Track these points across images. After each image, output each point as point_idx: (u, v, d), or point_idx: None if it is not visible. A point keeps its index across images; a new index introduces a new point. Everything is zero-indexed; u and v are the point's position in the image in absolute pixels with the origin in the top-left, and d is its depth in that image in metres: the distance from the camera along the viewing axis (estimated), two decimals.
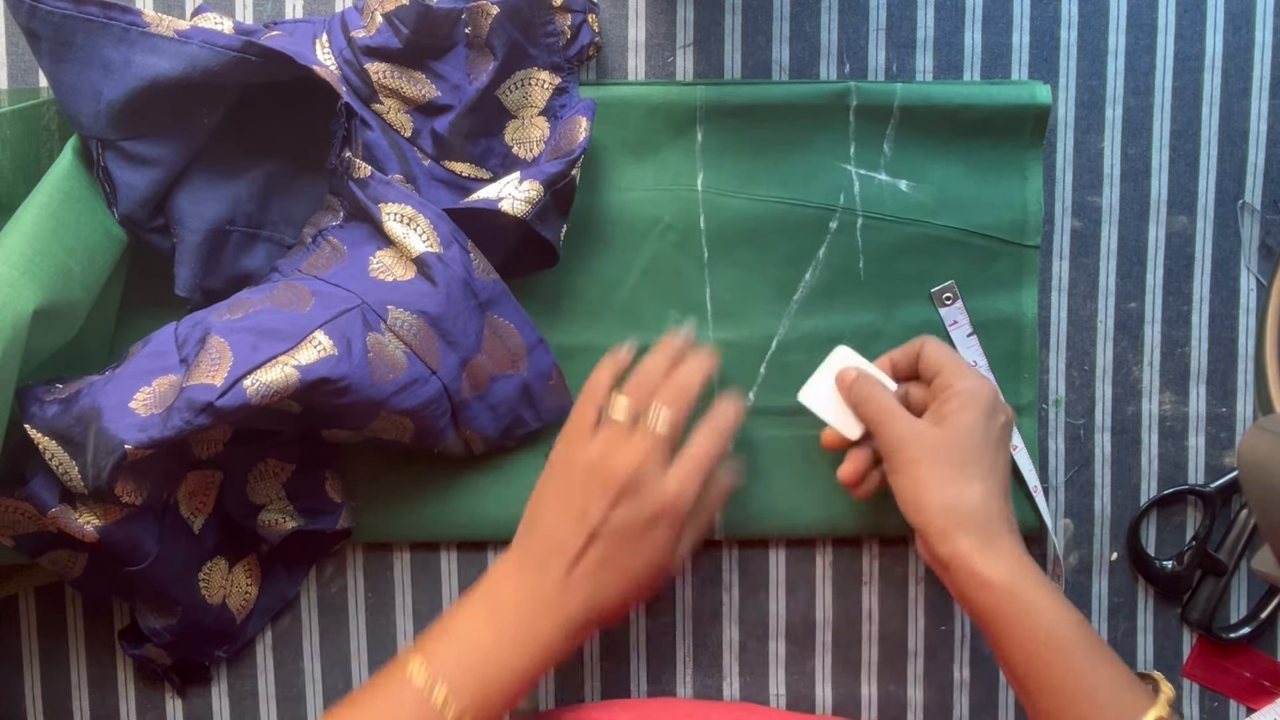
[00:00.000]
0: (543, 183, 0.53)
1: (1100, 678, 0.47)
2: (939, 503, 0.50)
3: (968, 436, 0.51)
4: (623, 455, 0.51)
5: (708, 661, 0.61)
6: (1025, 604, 0.48)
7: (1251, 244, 0.61)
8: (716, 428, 0.54)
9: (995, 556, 0.49)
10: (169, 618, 0.56)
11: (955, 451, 0.51)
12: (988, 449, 0.51)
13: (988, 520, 0.50)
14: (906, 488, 0.51)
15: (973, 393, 0.52)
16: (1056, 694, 0.48)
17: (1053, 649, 0.48)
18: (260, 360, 0.48)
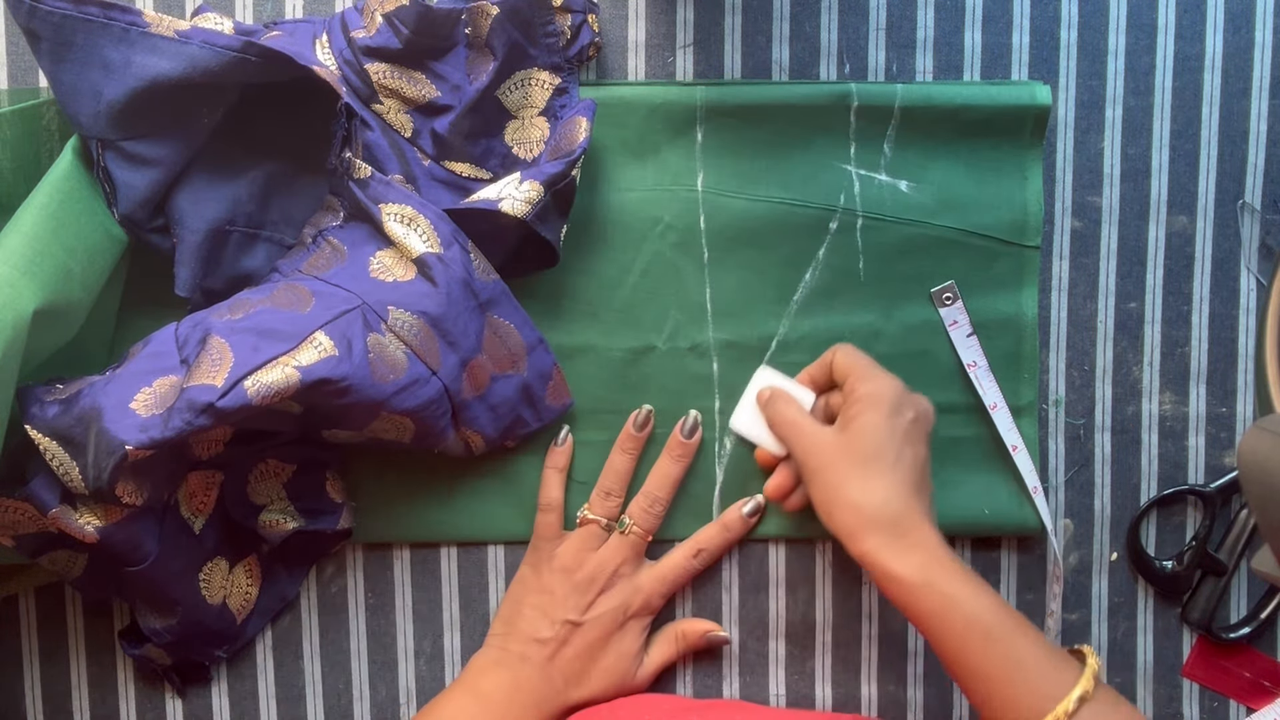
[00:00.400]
0: (543, 183, 0.53)
1: (1024, 657, 0.48)
2: (845, 504, 0.51)
3: (870, 436, 0.52)
4: (598, 556, 0.58)
5: (707, 661, 0.61)
6: (941, 596, 0.49)
7: (1251, 244, 0.61)
8: (698, 546, 0.59)
9: (905, 552, 0.50)
10: (169, 618, 0.56)
11: (857, 453, 0.52)
12: (890, 446, 0.52)
13: (895, 517, 0.51)
14: (817, 495, 0.53)
15: (873, 394, 0.53)
16: (985, 679, 0.49)
17: (974, 636, 0.49)
18: (261, 361, 0.48)
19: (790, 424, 0.55)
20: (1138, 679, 0.62)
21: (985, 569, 0.61)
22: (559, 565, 0.57)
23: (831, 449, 0.53)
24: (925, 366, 0.60)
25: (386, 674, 0.61)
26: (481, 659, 0.57)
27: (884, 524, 0.51)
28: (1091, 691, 0.47)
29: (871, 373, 0.54)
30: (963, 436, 0.60)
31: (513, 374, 0.57)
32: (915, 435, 0.53)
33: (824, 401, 0.58)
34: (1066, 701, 0.47)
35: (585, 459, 0.60)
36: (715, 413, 0.60)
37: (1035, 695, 0.48)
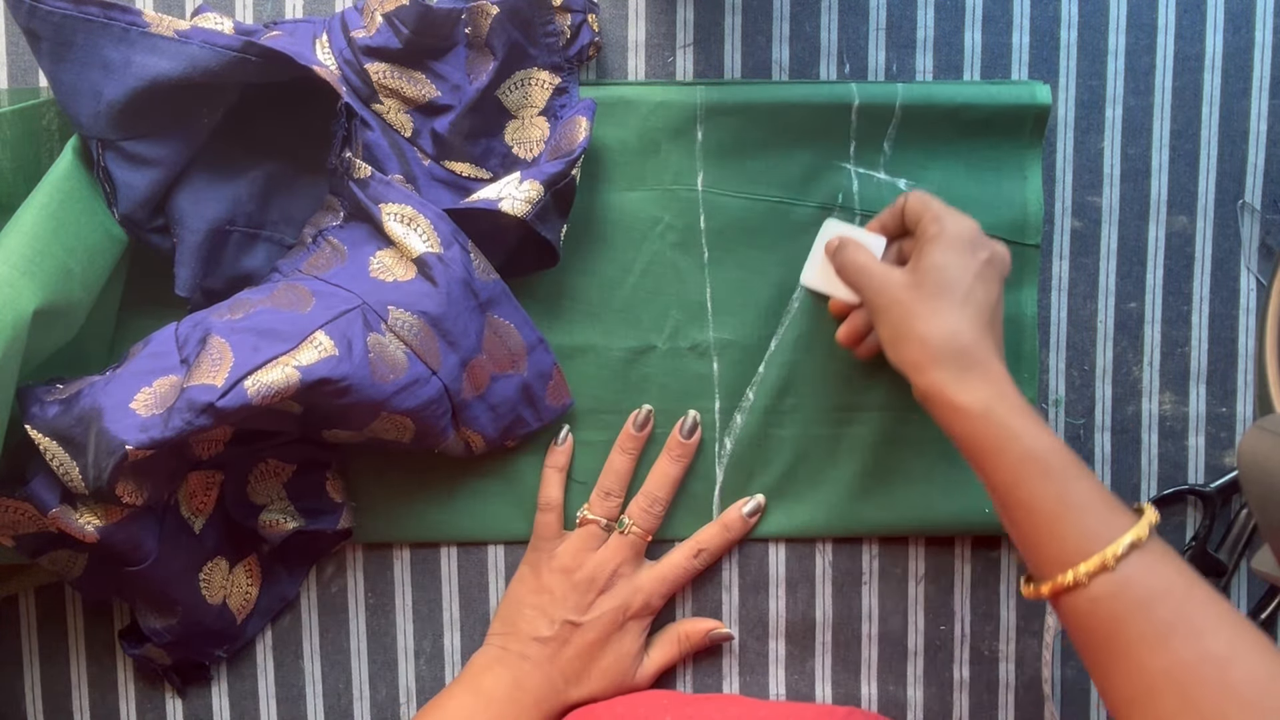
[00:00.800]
0: (543, 183, 0.53)
1: (1079, 498, 0.47)
2: (912, 337, 0.50)
3: (940, 273, 0.50)
4: (598, 556, 0.58)
5: (707, 661, 0.61)
6: (1000, 428, 0.48)
7: (1251, 244, 0.61)
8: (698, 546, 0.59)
9: (970, 384, 0.49)
10: (169, 618, 0.56)
11: (927, 288, 0.51)
12: (961, 283, 0.50)
13: (963, 350, 0.49)
14: (885, 332, 0.52)
15: (946, 232, 0.51)
16: (1035, 514, 0.47)
17: (1030, 471, 0.47)
18: (261, 361, 0.48)
19: (859, 268, 0.54)
20: None
21: (985, 569, 0.61)
22: (558, 565, 0.57)
23: (901, 287, 0.51)
24: None
25: (386, 674, 0.61)
26: (482, 658, 0.57)
27: (949, 357, 0.49)
28: (1144, 540, 0.45)
29: (945, 212, 0.53)
30: None
31: (513, 374, 0.57)
32: (988, 275, 0.52)
33: (896, 248, 0.57)
34: (1116, 545, 0.45)
35: (585, 459, 0.60)
36: (715, 412, 0.60)
37: (1085, 535, 0.46)
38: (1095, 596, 0.45)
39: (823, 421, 0.60)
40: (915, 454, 0.60)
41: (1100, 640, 0.46)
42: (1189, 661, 0.43)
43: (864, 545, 0.61)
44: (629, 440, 0.59)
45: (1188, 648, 0.43)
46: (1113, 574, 0.45)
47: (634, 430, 0.59)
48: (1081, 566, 0.45)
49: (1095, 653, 0.46)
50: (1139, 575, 0.45)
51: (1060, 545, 0.46)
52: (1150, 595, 0.44)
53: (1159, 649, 0.44)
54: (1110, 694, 0.46)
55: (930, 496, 0.60)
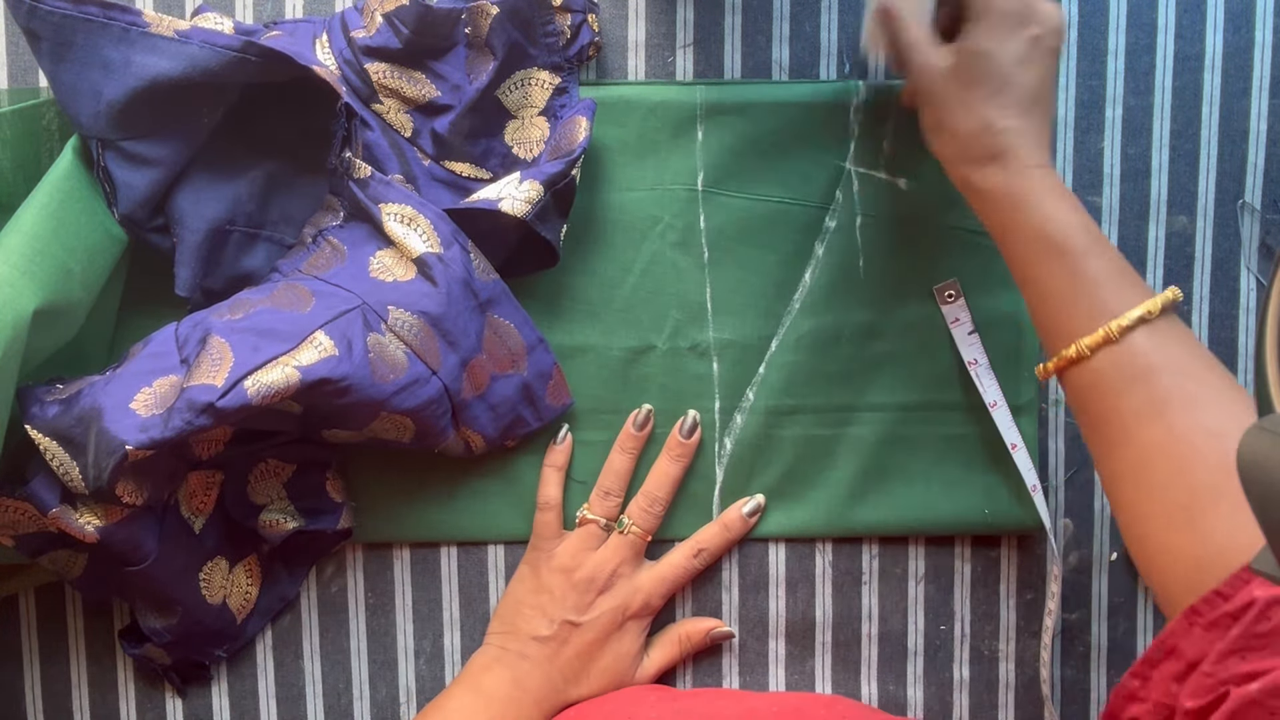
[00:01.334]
0: (543, 183, 0.53)
1: (1093, 273, 0.46)
2: (945, 131, 0.50)
3: (978, 60, 0.49)
4: (597, 556, 0.57)
5: (707, 660, 0.61)
6: (1021, 208, 0.48)
7: (1251, 244, 0.61)
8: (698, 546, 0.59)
9: (998, 171, 0.49)
10: (169, 617, 0.56)
11: (965, 78, 0.49)
12: (999, 70, 0.49)
13: (994, 143, 0.49)
14: (927, 121, 0.52)
15: (992, 10, 0.49)
16: (1048, 291, 0.47)
17: (1045, 247, 0.47)
18: (261, 361, 0.48)
19: (908, 45, 0.51)
20: None
21: (985, 569, 0.61)
22: (558, 565, 0.57)
23: (939, 73, 0.50)
24: (925, 365, 0.60)
25: (386, 673, 0.61)
26: (481, 657, 0.57)
27: (978, 150, 0.49)
28: (1154, 314, 0.44)
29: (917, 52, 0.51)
30: (963, 435, 0.60)
31: (513, 374, 0.57)
32: (1034, 55, 0.49)
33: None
34: (1123, 317, 0.44)
35: (585, 459, 0.60)
36: (715, 412, 0.60)
37: (1094, 310, 0.45)
38: (1098, 369, 0.44)
39: (823, 421, 0.60)
40: (915, 454, 0.60)
41: (1099, 415, 0.45)
42: (1183, 433, 0.42)
43: (864, 545, 0.61)
44: (629, 440, 0.59)
45: (1183, 419, 0.43)
46: (1116, 346, 0.44)
47: (634, 430, 0.58)
48: (1085, 339, 0.45)
49: (1094, 428, 0.45)
50: (1143, 349, 0.44)
51: (1069, 319, 0.46)
52: (1151, 368, 0.44)
53: (1154, 420, 0.43)
54: (1104, 468, 0.46)
55: (930, 496, 0.60)
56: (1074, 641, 0.62)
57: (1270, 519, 0.30)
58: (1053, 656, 0.62)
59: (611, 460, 0.59)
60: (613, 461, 0.59)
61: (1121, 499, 0.46)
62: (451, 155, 0.57)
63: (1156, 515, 0.43)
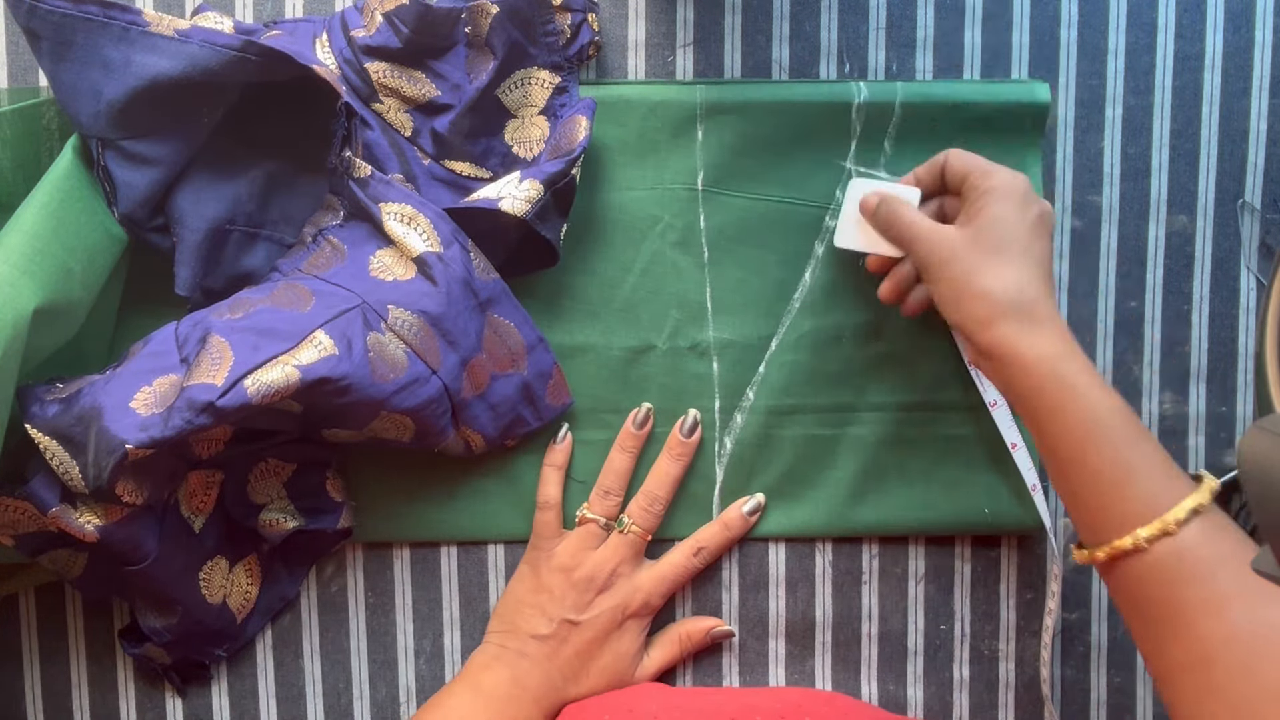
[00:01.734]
0: (543, 182, 0.53)
1: (1141, 461, 0.46)
2: (976, 292, 0.49)
3: (1000, 226, 0.50)
4: (597, 555, 0.57)
5: (707, 660, 0.61)
6: (1068, 386, 0.47)
7: (1251, 243, 0.61)
8: (698, 544, 0.59)
9: (1037, 338, 0.48)
10: (169, 617, 0.56)
11: (987, 243, 0.50)
12: (1021, 236, 0.50)
13: (1028, 303, 0.49)
14: (944, 290, 0.51)
15: (1001, 186, 0.51)
16: (1097, 477, 0.46)
17: (1092, 430, 0.47)
18: (261, 360, 0.48)
19: (909, 224, 0.52)
20: (1137, 679, 0.62)
21: (985, 569, 0.61)
22: (557, 564, 0.57)
23: (958, 242, 0.50)
24: (925, 364, 0.60)
25: (386, 673, 0.61)
26: (481, 655, 0.57)
27: (1017, 310, 0.49)
28: (1205, 506, 0.44)
29: (994, 168, 0.52)
30: (963, 435, 0.60)
31: (513, 373, 0.57)
32: (1042, 230, 0.51)
33: (937, 205, 0.56)
34: (1178, 509, 0.44)
35: (585, 458, 0.60)
36: (715, 412, 0.60)
37: (1146, 500, 0.45)
38: (1154, 562, 0.44)
39: (823, 421, 0.60)
40: (915, 454, 0.60)
41: (1155, 607, 0.45)
42: (1249, 629, 0.42)
43: (864, 545, 0.61)
44: (629, 439, 0.59)
45: (1248, 616, 0.42)
46: (1174, 539, 0.44)
47: (634, 429, 0.58)
48: (1142, 531, 0.44)
49: (1149, 620, 0.45)
50: (1199, 541, 0.44)
51: (1121, 508, 0.45)
52: (1210, 561, 0.43)
53: (1218, 616, 0.43)
54: (1160, 662, 0.45)
55: (930, 496, 0.60)
56: (1074, 641, 0.62)
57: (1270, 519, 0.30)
58: (1053, 656, 0.62)
59: (611, 459, 0.59)
60: (612, 460, 0.59)
61: (1180, 689, 0.44)
62: (451, 154, 0.57)
63: (1220, 713, 0.42)
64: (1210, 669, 0.43)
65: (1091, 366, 0.48)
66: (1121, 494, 0.46)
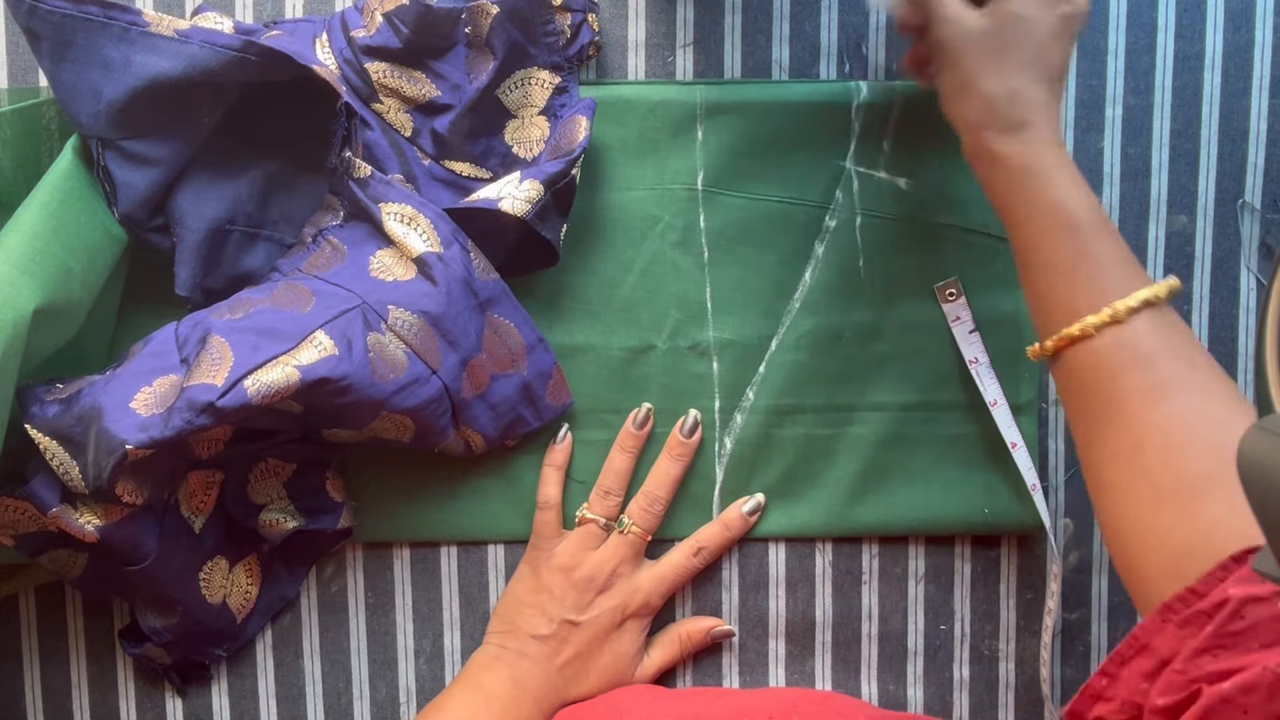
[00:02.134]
0: (543, 182, 0.53)
1: (1100, 254, 0.46)
2: (975, 94, 0.49)
3: (1012, 26, 0.48)
4: (597, 555, 0.57)
5: (707, 660, 0.61)
6: (1036, 181, 0.47)
7: (1251, 243, 0.61)
8: (698, 544, 0.58)
9: (1016, 140, 0.48)
10: (169, 617, 0.56)
11: (999, 42, 0.48)
12: (1033, 39, 0.48)
13: (1020, 113, 0.48)
14: (947, 81, 0.50)
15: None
16: (1053, 267, 0.47)
17: (1056, 222, 0.47)
18: (261, 360, 0.48)
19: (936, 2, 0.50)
20: None
21: (985, 569, 0.61)
22: (557, 564, 0.57)
23: (973, 34, 0.49)
24: (925, 364, 0.60)
25: (386, 673, 0.61)
26: (481, 656, 0.57)
27: (1006, 118, 0.48)
28: (1160, 300, 0.44)
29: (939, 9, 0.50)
30: (963, 435, 0.60)
31: (513, 373, 0.57)
32: (1062, 33, 0.49)
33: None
34: (1130, 299, 0.44)
35: (585, 458, 0.60)
36: (715, 411, 0.60)
37: (1099, 289, 0.45)
38: (1100, 348, 0.44)
39: (823, 421, 0.60)
40: (915, 454, 0.60)
41: (1095, 393, 0.45)
42: (1184, 416, 0.42)
43: (864, 545, 0.61)
44: (629, 439, 0.59)
45: (1183, 404, 0.42)
46: (1122, 326, 0.44)
47: (634, 429, 0.58)
48: (1090, 317, 0.45)
49: (1088, 408, 0.45)
50: (1146, 332, 0.44)
51: (1071, 297, 0.45)
52: (1153, 351, 0.44)
53: (1156, 402, 0.43)
54: (1094, 450, 0.45)
55: (930, 496, 0.60)
56: (1074, 641, 0.62)
57: (1270, 519, 0.30)
58: (1053, 656, 0.62)
59: (611, 459, 0.59)
60: (613, 461, 0.59)
61: (1108, 480, 0.45)
62: (451, 155, 0.57)
63: (1145, 498, 0.43)
64: (1140, 454, 0.43)
65: (1069, 166, 0.48)
66: (1075, 283, 0.46)
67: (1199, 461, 0.42)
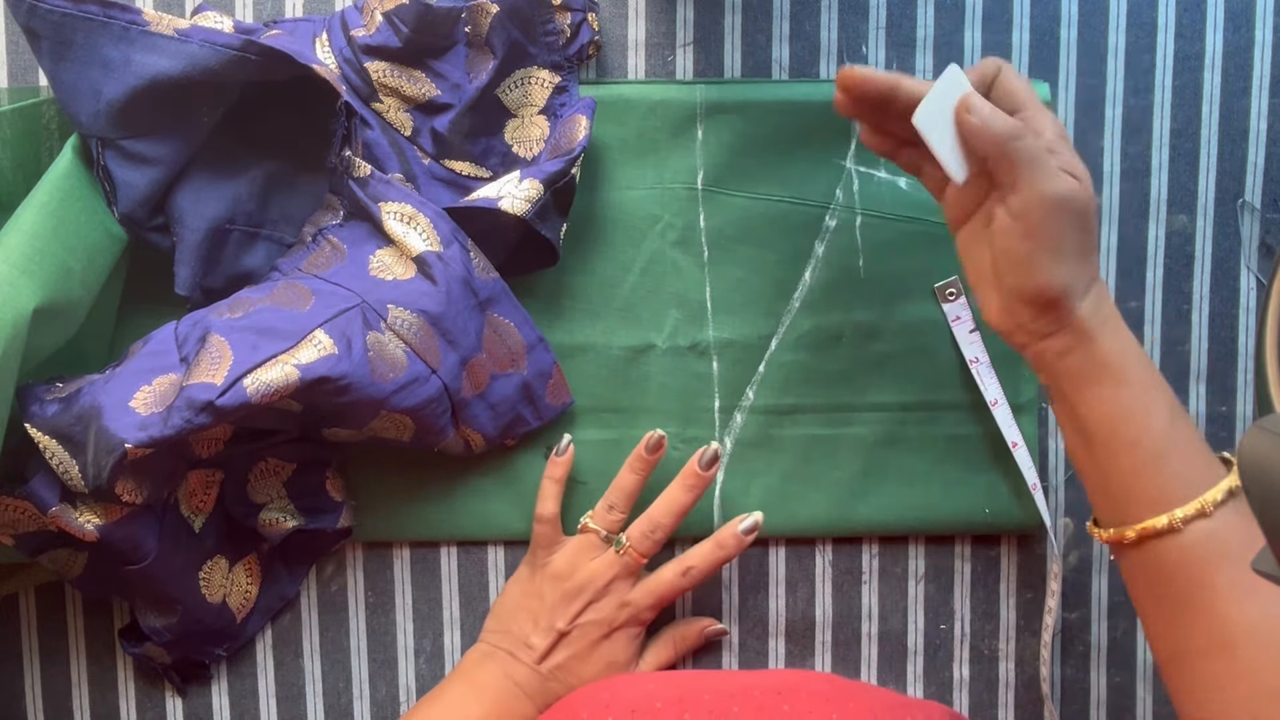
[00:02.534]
0: (543, 181, 0.53)
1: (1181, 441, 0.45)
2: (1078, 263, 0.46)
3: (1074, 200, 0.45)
4: (591, 567, 0.57)
5: (707, 660, 0.61)
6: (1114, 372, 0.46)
7: (1251, 243, 0.61)
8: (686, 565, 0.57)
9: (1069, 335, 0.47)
10: (169, 616, 0.56)
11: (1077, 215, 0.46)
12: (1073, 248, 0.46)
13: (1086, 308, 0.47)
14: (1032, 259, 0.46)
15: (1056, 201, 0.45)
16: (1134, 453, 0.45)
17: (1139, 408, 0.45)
18: (261, 359, 0.48)
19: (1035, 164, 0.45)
20: (1137, 679, 0.62)
21: (985, 568, 0.61)
22: (551, 572, 0.57)
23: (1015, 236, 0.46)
24: (925, 364, 0.60)
25: (386, 672, 0.61)
26: (475, 653, 0.58)
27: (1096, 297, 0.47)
28: (1239, 490, 0.44)
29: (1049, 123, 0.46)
30: (963, 435, 0.60)
31: (513, 372, 0.57)
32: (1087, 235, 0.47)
33: None
34: (1215, 490, 0.44)
35: (585, 457, 0.59)
36: (715, 412, 0.60)
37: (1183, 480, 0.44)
38: (1188, 543, 0.43)
39: (823, 421, 0.60)
40: (915, 454, 0.60)
41: (1180, 589, 0.44)
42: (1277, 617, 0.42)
43: (864, 545, 0.61)
44: (639, 462, 0.57)
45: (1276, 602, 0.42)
46: (1209, 520, 0.43)
47: (645, 454, 0.57)
48: (1179, 511, 0.44)
49: (1168, 601, 0.44)
50: (1233, 525, 0.43)
51: (1157, 488, 0.45)
52: (1243, 545, 0.43)
53: (1245, 601, 0.42)
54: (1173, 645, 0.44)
55: (930, 496, 0.60)
56: (1074, 641, 0.62)
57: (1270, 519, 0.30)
58: (1053, 656, 0.62)
59: (621, 477, 0.58)
60: (622, 479, 0.58)
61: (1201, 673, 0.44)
62: (451, 154, 0.57)
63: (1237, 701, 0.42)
64: (1233, 654, 0.42)
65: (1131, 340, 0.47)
66: (1159, 473, 0.45)
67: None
